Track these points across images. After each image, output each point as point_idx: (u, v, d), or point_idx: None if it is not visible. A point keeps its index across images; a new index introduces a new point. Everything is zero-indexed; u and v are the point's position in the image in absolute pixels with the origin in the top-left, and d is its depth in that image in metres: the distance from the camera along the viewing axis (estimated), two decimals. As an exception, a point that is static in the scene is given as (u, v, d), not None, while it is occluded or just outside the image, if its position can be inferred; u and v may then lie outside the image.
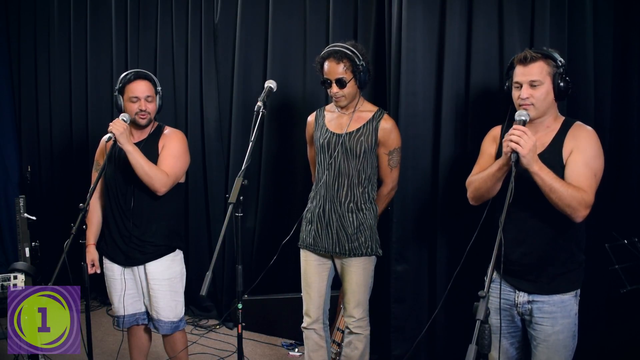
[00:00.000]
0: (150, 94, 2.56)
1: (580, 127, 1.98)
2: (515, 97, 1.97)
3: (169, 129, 2.71)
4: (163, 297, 2.63)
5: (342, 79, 2.41)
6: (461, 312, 2.69)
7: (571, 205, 1.82)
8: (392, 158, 2.55)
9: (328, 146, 2.52)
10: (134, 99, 2.54)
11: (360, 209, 2.50)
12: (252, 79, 3.66)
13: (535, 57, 1.92)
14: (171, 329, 2.68)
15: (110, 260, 2.66)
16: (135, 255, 2.61)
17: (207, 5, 3.76)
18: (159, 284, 2.63)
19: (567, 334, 1.98)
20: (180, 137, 2.69)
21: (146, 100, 2.55)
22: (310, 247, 2.59)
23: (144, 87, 2.55)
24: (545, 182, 1.81)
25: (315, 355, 2.66)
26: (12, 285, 3.03)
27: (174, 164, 2.57)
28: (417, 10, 2.81)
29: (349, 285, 2.55)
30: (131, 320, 2.73)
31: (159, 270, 2.62)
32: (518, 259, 1.99)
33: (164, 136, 2.66)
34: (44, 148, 4.58)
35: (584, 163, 1.90)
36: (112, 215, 2.63)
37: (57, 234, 4.41)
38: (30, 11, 4.53)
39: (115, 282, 2.67)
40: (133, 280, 2.67)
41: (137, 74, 2.58)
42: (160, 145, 2.63)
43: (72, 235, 2.18)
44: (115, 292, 2.68)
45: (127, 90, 2.55)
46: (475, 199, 2.10)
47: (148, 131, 2.64)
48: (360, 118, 2.51)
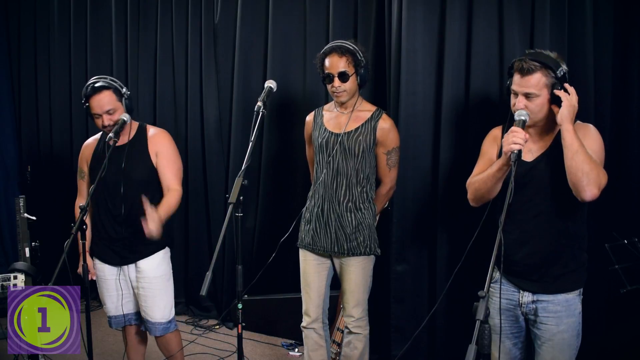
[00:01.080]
0: (110, 107, 2.46)
1: (582, 125, 1.97)
2: (512, 104, 1.96)
3: (152, 129, 2.65)
4: (152, 296, 2.61)
5: (345, 72, 2.41)
6: (461, 312, 2.70)
7: (590, 175, 1.78)
8: (391, 158, 2.55)
9: (326, 146, 2.52)
10: (96, 115, 2.48)
11: (359, 208, 2.50)
12: (252, 79, 3.66)
13: (534, 69, 1.88)
14: (161, 330, 2.65)
15: (102, 261, 2.64)
16: (127, 255, 2.59)
17: (207, 5, 3.76)
18: (149, 282, 2.60)
19: (571, 333, 1.98)
20: (169, 138, 2.65)
21: (108, 114, 2.47)
22: (309, 246, 2.59)
23: (102, 101, 2.45)
24: (575, 140, 1.79)
25: (315, 355, 2.66)
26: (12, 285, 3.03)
27: (176, 172, 2.59)
28: (417, 11, 2.81)
29: (347, 285, 2.55)
30: (122, 321, 2.72)
31: (150, 267, 2.60)
32: (521, 259, 1.99)
33: (151, 140, 2.60)
34: (44, 148, 4.58)
35: (594, 153, 1.88)
36: (100, 220, 2.59)
37: (57, 234, 4.41)
38: (30, 11, 4.53)
39: (106, 283, 2.66)
40: (125, 281, 2.64)
41: (94, 88, 2.46)
42: (152, 152, 2.58)
43: (72, 235, 2.18)
44: (107, 292, 2.67)
45: (90, 105, 2.48)
46: (476, 200, 2.08)
47: (128, 133, 2.56)
48: (358, 117, 2.51)
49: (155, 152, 2.58)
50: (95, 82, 2.49)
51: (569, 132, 1.81)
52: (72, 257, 2.19)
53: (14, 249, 4.57)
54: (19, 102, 4.69)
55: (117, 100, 2.50)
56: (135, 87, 4.06)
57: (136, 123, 2.65)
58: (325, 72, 2.46)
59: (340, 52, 2.43)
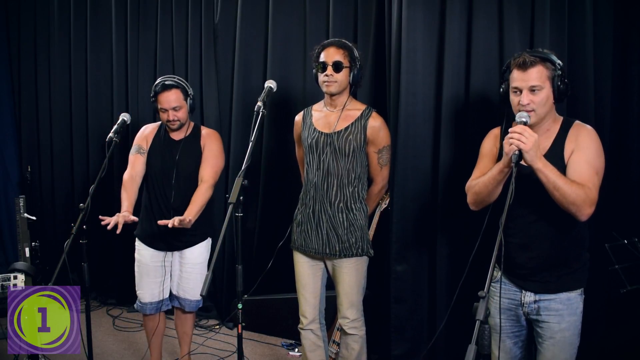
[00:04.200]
0: (177, 104, 2.73)
1: (580, 126, 1.97)
2: (515, 103, 1.93)
3: (205, 129, 2.94)
4: (194, 279, 2.86)
5: (340, 62, 2.41)
6: (462, 312, 2.70)
7: (575, 203, 1.79)
8: (382, 156, 2.54)
9: (316, 146, 2.50)
10: (162, 110, 2.75)
11: (351, 209, 2.48)
12: (252, 79, 3.66)
13: (534, 62, 1.88)
14: (196, 306, 2.94)
15: (148, 245, 2.84)
16: (175, 243, 2.82)
17: (207, 5, 3.76)
18: (192, 268, 2.87)
19: (573, 332, 1.98)
20: (218, 138, 2.93)
21: (174, 110, 2.73)
22: (301, 248, 2.58)
23: (171, 97, 2.72)
24: (549, 179, 1.78)
25: (313, 356, 2.66)
26: (12, 285, 3.04)
27: (214, 166, 2.85)
28: (417, 11, 2.81)
29: (341, 286, 2.54)
30: (157, 306, 2.92)
31: (194, 255, 2.86)
32: (524, 263, 1.99)
33: (204, 137, 2.88)
34: (44, 148, 4.58)
35: (586, 161, 1.88)
36: (150, 206, 2.83)
37: (57, 234, 4.42)
38: (30, 11, 4.53)
39: (147, 268, 2.85)
40: (162, 268, 2.86)
41: (164, 85, 2.73)
42: (202, 145, 2.86)
43: (72, 235, 2.18)
44: (147, 277, 2.86)
45: (158, 100, 2.75)
46: (476, 203, 2.06)
47: (184, 131, 2.85)
48: (348, 116, 2.49)
49: (204, 146, 2.85)
50: (165, 80, 2.77)
51: (541, 171, 1.79)
52: (72, 257, 2.19)
53: (14, 249, 4.57)
54: (19, 102, 4.70)
55: (183, 99, 2.77)
56: (135, 87, 4.05)
57: (192, 122, 2.92)
58: (319, 62, 2.45)
59: (338, 45, 2.44)
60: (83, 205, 2.29)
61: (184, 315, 2.99)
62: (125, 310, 4.12)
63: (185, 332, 3.04)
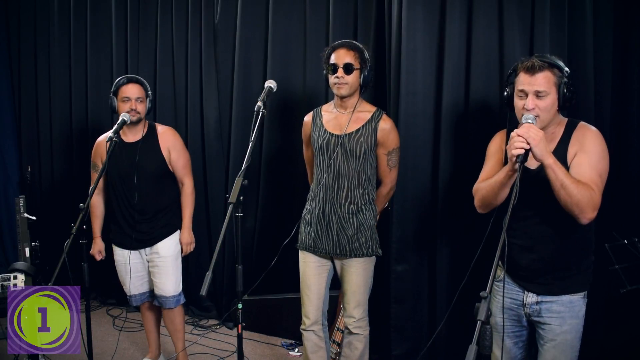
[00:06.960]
0: (140, 96, 2.86)
1: (585, 128, 1.94)
2: (520, 107, 1.91)
3: (160, 127, 3.00)
4: (166, 273, 2.95)
5: (351, 64, 2.42)
6: (462, 311, 2.70)
7: (580, 204, 1.78)
8: (391, 158, 2.54)
9: (327, 147, 2.51)
10: (125, 99, 2.83)
11: (360, 210, 2.49)
12: (252, 79, 3.66)
13: (542, 67, 1.86)
14: (174, 302, 3.00)
15: (120, 246, 2.98)
16: (144, 239, 2.93)
17: (207, 5, 3.76)
18: (164, 261, 2.95)
19: (574, 335, 1.97)
20: (175, 134, 3.02)
21: (137, 101, 2.84)
22: (310, 248, 2.59)
23: (135, 89, 2.86)
24: (558, 176, 1.77)
25: (315, 357, 2.66)
26: (12, 285, 3.04)
27: (185, 163, 3.01)
28: (417, 11, 2.81)
29: (349, 285, 2.55)
30: (142, 298, 3.07)
31: (165, 247, 2.95)
32: (527, 265, 1.98)
33: (162, 136, 2.95)
34: (44, 148, 4.58)
35: (589, 164, 1.86)
36: (119, 209, 2.94)
37: (57, 234, 4.41)
38: (30, 11, 4.53)
39: (125, 266, 2.99)
40: (142, 264, 3.00)
41: (130, 78, 2.90)
42: (163, 147, 2.92)
43: (72, 235, 2.19)
44: (126, 274, 3.00)
45: (120, 92, 2.86)
46: (483, 207, 2.05)
47: (141, 130, 2.91)
48: (359, 119, 2.50)
49: (166, 148, 2.93)
50: (131, 76, 2.93)
51: (550, 167, 1.77)
52: (72, 257, 2.19)
53: (14, 249, 4.57)
54: (19, 102, 4.69)
55: (145, 95, 2.91)
56: (135, 87, 4.05)
57: (147, 122, 2.96)
58: (330, 63, 2.45)
59: (349, 47, 2.45)
60: (83, 205, 2.29)
61: (168, 313, 3.05)
62: (125, 310, 4.11)
63: (176, 329, 3.09)
